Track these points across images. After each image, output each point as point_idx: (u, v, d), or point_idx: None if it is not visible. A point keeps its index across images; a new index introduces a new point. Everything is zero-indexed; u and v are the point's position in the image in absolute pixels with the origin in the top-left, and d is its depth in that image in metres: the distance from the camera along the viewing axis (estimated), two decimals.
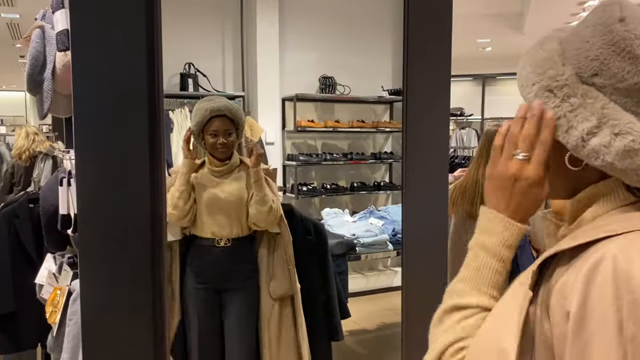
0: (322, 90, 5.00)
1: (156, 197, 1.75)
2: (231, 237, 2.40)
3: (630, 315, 0.64)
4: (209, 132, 2.34)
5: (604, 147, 0.71)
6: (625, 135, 0.71)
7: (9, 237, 3.20)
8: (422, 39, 2.16)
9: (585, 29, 0.75)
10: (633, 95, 0.72)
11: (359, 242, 3.59)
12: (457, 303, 0.79)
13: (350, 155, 5.08)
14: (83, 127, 1.67)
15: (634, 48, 0.71)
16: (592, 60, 0.73)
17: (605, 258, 0.66)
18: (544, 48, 0.79)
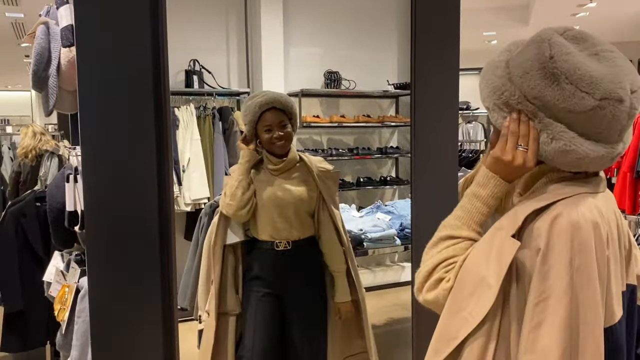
0: (327, 85, 4.98)
1: (164, 192, 1.74)
2: (291, 240, 2.25)
3: (578, 251, 0.92)
4: (263, 128, 2.19)
5: (544, 146, 0.98)
6: (558, 140, 0.97)
7: (16, 236, 3.21)
8: (429, 32, 2.13)
9: (526, 61, 0.98)
10: (563, 114, 0.96)
11: (366, 237, 3.57)
12: (451, 233, 1.05)
13: (356, 150, 5.05)
14: (89, 123, 1.66)
15: (561, 82, 0.94)
16: (532, 89, 0.97)
17: (563, 212, 0.94)
18: (497, 75, 1.03)
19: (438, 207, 2.18)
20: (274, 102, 2.18)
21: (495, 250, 0.96)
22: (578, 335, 0.90)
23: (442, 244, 1.05)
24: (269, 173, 2.27)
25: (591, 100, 0.93)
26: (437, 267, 1.03)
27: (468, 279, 0.98)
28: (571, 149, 0.95)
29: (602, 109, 0.93)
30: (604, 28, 8.16)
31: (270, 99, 2.18)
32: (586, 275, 0.91)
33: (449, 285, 1.00)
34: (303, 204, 2.25)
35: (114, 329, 1.72)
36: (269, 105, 2.18)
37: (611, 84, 0.93)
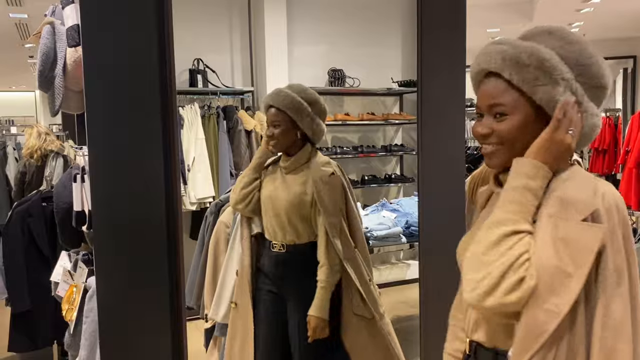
0: (331, 83, 4.97)
1: (170, 191, 1.74)
2: (285, 243, 2.23)
3: (626, 227, 1.01)
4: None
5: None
6: (593, 116, 1.08)
7: (23, 236, 3.22)
8: (436, 28, 2.13)
9: (570, 43, 1.08)
10: (593, 90, 1.08)
11: (372, 236, 3.56)
12: (515, 228, 1.02)
13: (361, 149, 5.05)
14: (95, 123, 1.66)
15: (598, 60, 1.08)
16: (579, 66, 1.06)
17: (606, 193, 1.01)
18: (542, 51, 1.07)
19: (445, 205, 2.19)
20: (272, 101, 2.20)
21: (562, 239, 0.98)
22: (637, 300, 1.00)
23: (507, 241, 1.02)
24: (279, 171, 2.27)
25: (609, 80, 1.10)
26: (512, 265, 0.99)
27: (543, 270, 0.98)
28: (599, 125, 1.08)
29: (607, 89, 1.10)
30: (608, 24, 8.13)
31: (270, 99, 2.21)
32: (630, 243, 1.01)
33: (533, 283, 0.98)
34: (295, 208, 2.18)
35: (122, 328, 1.72)
36: (268, 104, 2.22)
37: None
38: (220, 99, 4.57)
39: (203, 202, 4.37)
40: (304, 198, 2.18)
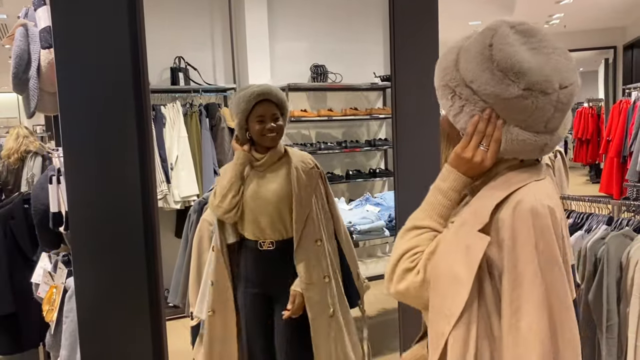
0: (314, 79, 4.98)
1: (147, 191, 1.75)
2: (275, 240, 2.23)
3: (540, 236, 0.98)
4: (255, 119, 2.16)
5: None
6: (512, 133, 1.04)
7: (5, 239, 3.20)
8: (408, 23, 2.15)
9: (473, 45, 1.04)
10: (492, 98, 1.03)
11: (355, 230, 3.59)
12: (416, 224, 1.11)
13: (345, 144, 5.06)
14: (70, 124, 1.66)
15: (493, 68, 1.01)
16: (468, 72, 1.04)
17: (522, 200, 1.00)
18: (447, 59, 1.09)
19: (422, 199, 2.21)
20: (269, 94, 2.15)
21: (462, 246, 1.01)
22: (553, 312, 0.98)
23: (407, 235, 1.11)
24: (253, 170, 2.24)
25: (515, 88, 1.00)
26: (402, 257, 1.08)
27: (441, 277, 1.03)
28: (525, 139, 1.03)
29: (525, 99, 1.01)
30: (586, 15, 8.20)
31: (266, 90, 2.16)
32: (550, 256, 0.98)
33: (420, 277, 1.05)
34: (284, 202, 2.20)
35: (102, 328, 1.73)
36: (264, 96, 2.15)
37: (538, 76, 1.01)
38: (203, 97, 4.56)
39: (187, 200, 4.37)
40: (288, 190, 2.20)
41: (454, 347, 1.02)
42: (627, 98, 6.27)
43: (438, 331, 1.04)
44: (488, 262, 1.01)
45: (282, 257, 2.23)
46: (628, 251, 2.21)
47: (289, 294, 2.23)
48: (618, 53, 9.30)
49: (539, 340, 0.96)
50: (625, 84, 7.87)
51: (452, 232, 1.05)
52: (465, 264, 1.00)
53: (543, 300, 0.97)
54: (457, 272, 1.00)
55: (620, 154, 5.92)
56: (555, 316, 0.98)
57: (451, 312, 1.01)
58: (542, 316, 0.97)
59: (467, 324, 1.01)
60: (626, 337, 2.19)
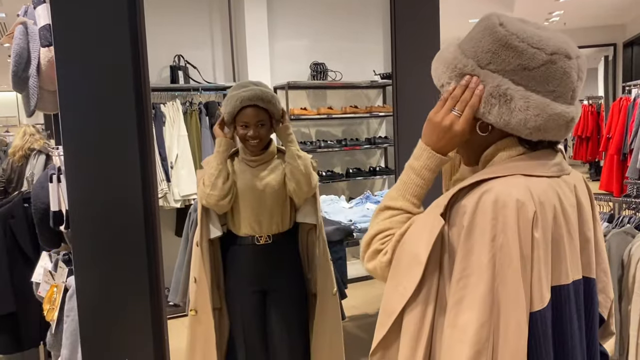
0: (314, 77, 4.98)
1: (147, 189, 1.74)
2: (271, 234, 2.22)
3: (501, 230, 0.91)
4: (240, 123, 2.13)
5: (504, 110, 0.97)
6: (518, 100, 0.96)
7: (5, 238, 3.19)
8: (409, 20, 2.14)
9: (477, 33, 1.01)
10: (519, 73, 0.97)
11: (356, 228, 3.58)
12: (389, 204, 1.08)
13: (345, 142, 5.07)
14: (70, 122, 1.66)
15: (513, 41, 0.97)
16: (486, 53, 0.99)
17: (490, 190, 0.94)
18: (449, 51, 1.05)
19: None
20: (256, 99, 2.10)
21: (427, 228, 0.98)
22: (499, 313, 0.91)
23: (381, 214, 1.08)
24: (245, 164, 2.23)
25: (543, 54, 0.96)
26: (374, 238, 1.07)
27: (404, 254, 1.01)
28: (530, 106, 0.96)
29: (554, 64, 0.96)
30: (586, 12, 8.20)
31: (253, 96, 2.10)
32: (508, 254, 0.91)
33: (386, 258, 1.03)
34: (279, 197, 2.22)
35: (103, 326, 1.73)
36: (250, 101, 2.10)
37: (558, 41, 0.98)
38: (202, 95, 4.56)
39: (187, 199, 4.37)
40: (284, 184, 2.22)
41: (408, 325, 0.99)
42: (627, 95, 6.26)
43: (388, 308, 1.01)
44: (450, 246, 0.97)
45: (278, 251, 2.25)
46: (629, 249, 2.21)
47: (283, 288, 2.26)
48: (618, 50, 9.30)
49: (473, 341, 0.90)
50: (625, 82, 7.87)
51: (424, 214, 1.02)
52: (425, 244, 0.97)
53: (487, 297, 0.91)
54: (417, 252, 0.98)
55: (620, 152, 5.92)
56: (500, 319, 0.91)
57: (405, 290, 0.98)
58: (483, 314, 0.91)
59: (425, 303, 0.98)
60: (628, 334, 2.19)
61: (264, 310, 2.27)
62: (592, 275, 1.07)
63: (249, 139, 2.14)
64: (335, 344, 2.37)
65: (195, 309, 2.22)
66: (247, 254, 2.24)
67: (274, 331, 2.26)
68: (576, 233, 1.03)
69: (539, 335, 0.94)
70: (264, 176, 2.21)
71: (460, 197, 0.98)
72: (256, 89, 2.14)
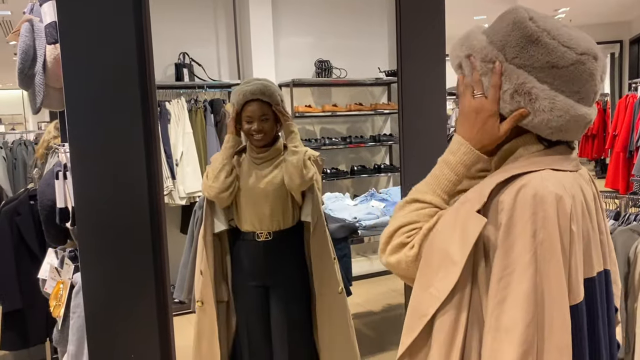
0: (319, 74, 4.97)
1: (153, 186, 1.75)
2: (272, 231, 2.25)
3: (542, 226, 0.89)
4: (245, 118, 2.18)
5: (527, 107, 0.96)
6: (543, 99, 0.95)
7: (12, 235, 3.21)
8: (415, 18, 2.13)
9: (505, 26, 0.99)
10: (546, 70, 0.96)
11: (360, 225, 3.59)
12: (417, 197, 1.04)
13: (350, 139, 5.06)
14: (76, 119, 1.66)
15: (543, 37, 0.95)
16: (514, 47, 0.97)
17: (527, 185, 0.92)
18: (477, 39, 1.02)
19: None
20: (259, 93, 2.14)
21: (460, 225, 0.95)
22: (544, 309, 0.89)
23: (408, 207, 1.04)
24: (251, 162, 2.25)
25: (573, 54, 0.95)
26: (399, 229, 1.02)
27: (434, 253, 0.97)
28: (555, 107, 0.95)
29: (582, 64, 0.95)
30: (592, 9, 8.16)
31: (256, 90, 2.14)
32: (550, 249, 0.89)
33: (413, 252, 1.00)
34: (284, 193, 2.23)
35: (109, 323, 1.73)
36: (254, 96, 2.15)
37: (587, 42, 0.97)
38: (207, 93, 4.56)
39: (192, 196, 4.37)
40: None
41: (439, 332, 0.95)
42: (634, 93, 6.23)
43: (420, 310, 0.97)
44: (485, 244, 0.94)
45: (279, 248, 2.26)
46: (636, 246, 2.20)
47: (284, 284, 2.28)
48: (624, 47, 9.26)
49: (520, 341, 0.87)
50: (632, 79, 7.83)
51: (452, 210, 0.99)
52: (460, 244, 0.93)
53: (531, 294, 0.88)
54: (451, 252, 0.94)
55: (626, 149, 5.88)
56: (545, 315, 0.88)
57: (439, 293, 0.94)
58: (528, 312, 0.88)
59: (458, 309, 0.94)
60: (634, 333, 2.18)
61: (267, 305, 2.29)
62: (608, 267, 1.08)
63: (254, 133, 2.17)
64: (347, 343, 2.36)
65: (201, 301, 2.27)
66: (249, 249, 2.27)
67: (274, 326, 2.28)
68: (596, 225, 1.04)
69: (577, 329, 0.93)
70: (267, 174, 2.23)
71: (494, 192, 0.95)
72: (258, 83, 2.18)
